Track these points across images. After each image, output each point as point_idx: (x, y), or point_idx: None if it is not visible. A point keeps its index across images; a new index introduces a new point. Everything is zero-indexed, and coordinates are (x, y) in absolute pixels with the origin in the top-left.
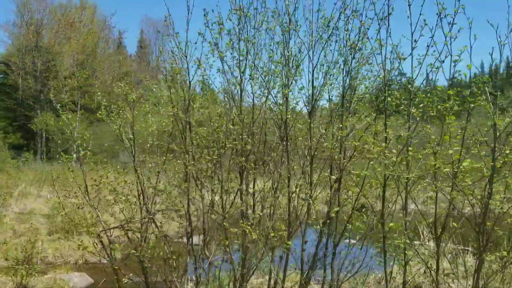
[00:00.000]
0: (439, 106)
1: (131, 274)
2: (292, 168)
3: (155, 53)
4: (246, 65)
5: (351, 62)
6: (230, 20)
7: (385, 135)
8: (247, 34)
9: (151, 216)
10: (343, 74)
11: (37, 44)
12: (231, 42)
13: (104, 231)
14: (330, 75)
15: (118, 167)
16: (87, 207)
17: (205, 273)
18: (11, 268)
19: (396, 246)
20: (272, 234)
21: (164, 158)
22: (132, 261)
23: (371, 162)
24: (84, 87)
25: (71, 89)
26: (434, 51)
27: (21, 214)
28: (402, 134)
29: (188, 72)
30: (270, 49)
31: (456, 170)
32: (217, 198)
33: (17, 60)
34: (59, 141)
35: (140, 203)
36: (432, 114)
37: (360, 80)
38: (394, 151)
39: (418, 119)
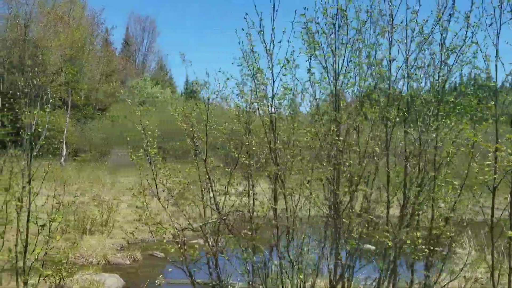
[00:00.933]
0: None
1: None
2: None
3: (142, 51)
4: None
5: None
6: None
7: None
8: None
9: (223, 217)
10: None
11: (25, 37)
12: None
13: (179, 232)
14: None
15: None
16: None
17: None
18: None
19: None
20: None
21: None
22: None
23: None
24: (72, 83)
25: (58, 84)
26: None
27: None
28: None
29: (272, 72)
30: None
31: None
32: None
33: (4, 53)
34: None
35: (204, 204)
36: None
37: None
38: None
39: None
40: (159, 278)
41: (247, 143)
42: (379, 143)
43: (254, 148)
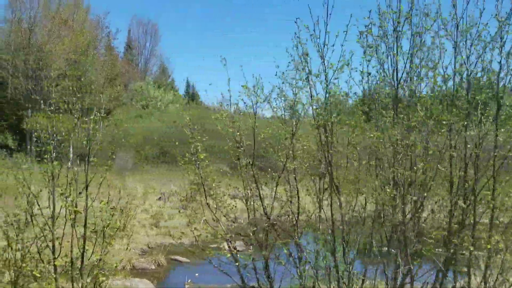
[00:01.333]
0: None
1: None
2: None
3: (145, 54)
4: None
5: None
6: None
7: None
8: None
9: (272, 222)
10: None
11: (29, 41)
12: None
13: (230, 237)
14: None
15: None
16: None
17: None
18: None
19: None
20: None
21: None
22: None
23: None
24: (75, 86)
25: (63, 88)
26: None
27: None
28: None
29: (326, 75)
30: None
31: None
32: None
33: (9, 57)
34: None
35: (248, 208)
36: None
37: None
38: None
39: None
40: (188, 283)
41: (292, 149)
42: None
43: (299, 152)
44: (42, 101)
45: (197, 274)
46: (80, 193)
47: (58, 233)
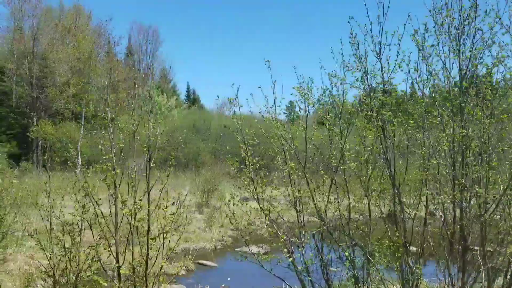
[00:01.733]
0: None
1: None
2: None
3: (145, 60)
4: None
5: None
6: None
7: None
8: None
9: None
10: None
11: (33, 49)
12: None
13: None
14: None
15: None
16: None
17: None
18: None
19: None
20: None
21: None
22: None
23: None
24: (80, 94)
25: (67, 96)
26: None
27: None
28: None
29: (382, 75)
30: None
31: None
32: None
33: (12, 66)
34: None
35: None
36: None
37: None
38: None
39: None
40: (224, 287)
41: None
42: None
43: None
44: (45, 110)
45: (229, 278)
46: (140, 200)
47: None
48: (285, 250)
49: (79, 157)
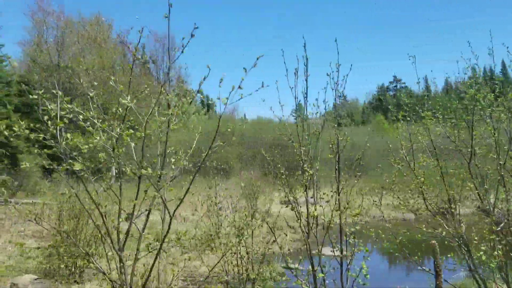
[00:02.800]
0: None
1: None
2: None
3: (162, 69)
4: None
5: None
6: None
7: None
8: None
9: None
10: None
11: (58, 61)
12: None
13: None
14: None
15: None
16: None
17: None
18: None
19: None
20: None
21: None
22: None
23: None
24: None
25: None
26: None
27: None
28: None
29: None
30: None
31: None
32: None
33: (38, 78)
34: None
35: None
36: None
37: None
38: None
39: None
40: None
41: None
42: None
43: None
44: (71, 121)
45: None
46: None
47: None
48: None
49: (113, 167)
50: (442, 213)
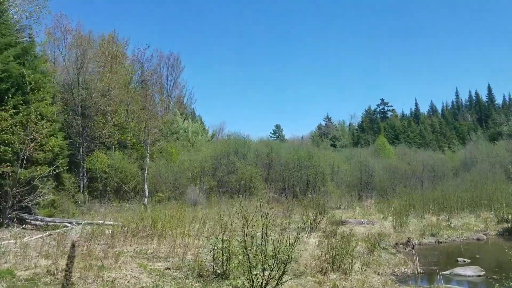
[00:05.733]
0: None
1: None
2: None
3: (168, 88)
4: None
5: None
6: None
7: None
8: None
9: None
10: None
11: (78, 79)
12: None
13: None
14: None
15: None
16: None
17: None
18: None
19: None
20: None
21: None
22: None
23: None
24: (125, 123)
25: (114, 125)
26: None
27: None
28: None
29: None
30: None
31: None
32: None
33: (65, 96)
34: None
35: None
36: None
37: None
38: None
39: None
40: None
41: None
42: None
43: None
44: (91, 139)
45: None
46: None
47: None
48: None
49: (146, 186)
50: None
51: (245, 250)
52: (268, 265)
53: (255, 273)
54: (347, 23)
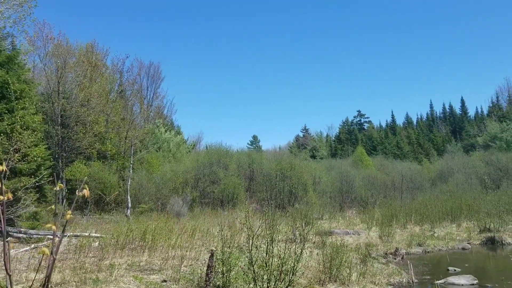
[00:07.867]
0: None
1: None
2: None
3: (148, 98)
4: None
5: None
6: None
7: None
8: None
9: None
10: None
11: (58, 88)
12: None
13: None
14: None
15: None
16: None
17: None
18: None
19: None
20: None
21: None
22: None
23: None
24: (106, 133)
25: (94, 135)
26: None
27: None
28: None
29: None
30: None
31: None
32: None
33: (44, 105)
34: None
35: None
36: None
37: None
38: None
39: None
40: None
41: None
42: None
43: None
44: (71, 150)
45: None
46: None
47: None
48: None
49: (129, 198)
50: None
51: (251, 261)
52: (274, 277)
53: (260, 284)
54: (323, 37)
